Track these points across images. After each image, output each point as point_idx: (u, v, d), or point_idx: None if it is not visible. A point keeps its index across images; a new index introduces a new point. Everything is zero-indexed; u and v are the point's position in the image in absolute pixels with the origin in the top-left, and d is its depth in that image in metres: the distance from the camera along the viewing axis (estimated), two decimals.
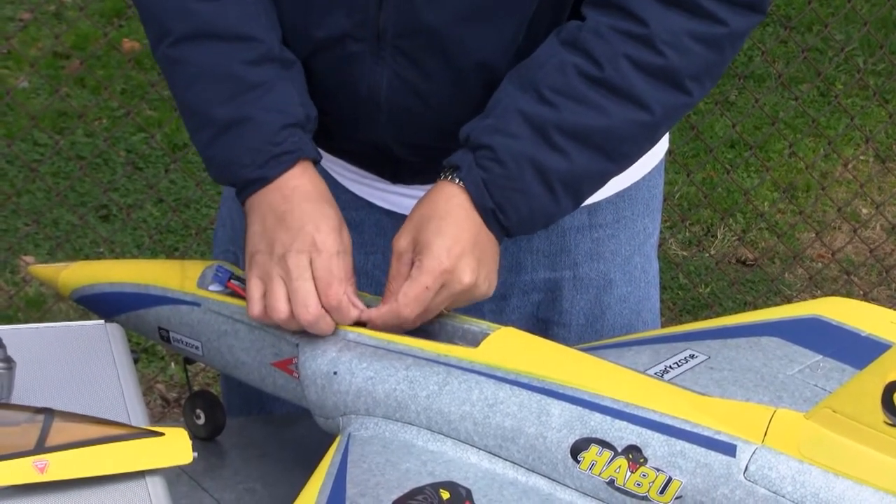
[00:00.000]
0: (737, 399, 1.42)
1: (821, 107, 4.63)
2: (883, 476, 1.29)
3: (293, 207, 1.58)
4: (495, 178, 1.55)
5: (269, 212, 1.59)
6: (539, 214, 1.60)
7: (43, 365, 1.53)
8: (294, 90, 1.64)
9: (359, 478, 1.40)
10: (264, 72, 1.62)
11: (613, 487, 1.37)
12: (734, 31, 1.58)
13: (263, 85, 1.62)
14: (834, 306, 1.70)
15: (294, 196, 1.59)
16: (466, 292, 1.55)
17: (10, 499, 1.33)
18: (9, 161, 4.15)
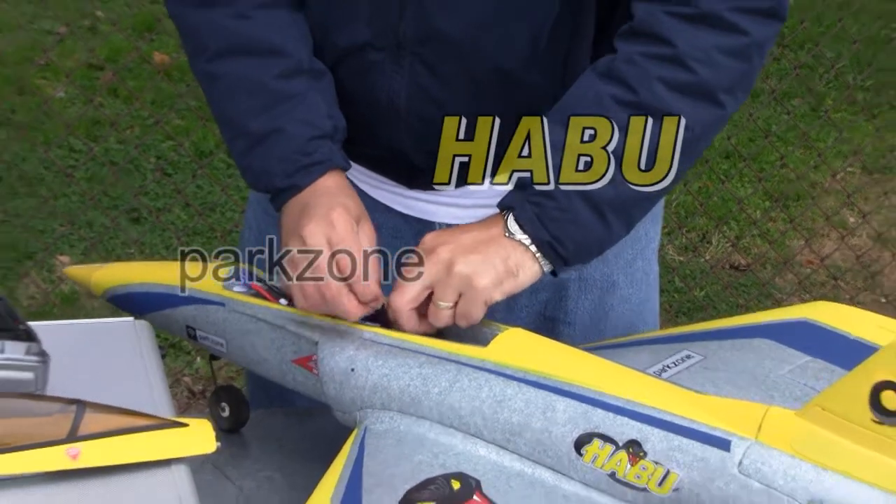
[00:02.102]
0: (731, 397, 1.42)
1: (811, 121, 4.62)
2: (870, 471, 1.29)
3: (315, 200, 1.58)
4: (548, 212, 1.54)
5: (295, 208, 1.60)
6: (593, 241, 1.59)
7: (75, 359, 1.53)
8: (323, 102, 1.64)
9: (374, 469, 1.40)
10: (295, 84, 1.63)
11: (615, 479, 1.37)
12: (758, 40, 1.56)
13: (294, 97, 1.62)
14: (823, 310, 1.70)
15: (316, 192, 1.60)
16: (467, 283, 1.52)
17: (45, 484, 1.33)
18: (46, 166, 4.16)
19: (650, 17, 1.55)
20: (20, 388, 1.46)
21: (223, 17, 1.64)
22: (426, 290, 1.53)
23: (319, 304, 1.53)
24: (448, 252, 1.52)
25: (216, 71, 1.66)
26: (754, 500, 1.31)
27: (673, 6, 1.54)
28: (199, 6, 1.65)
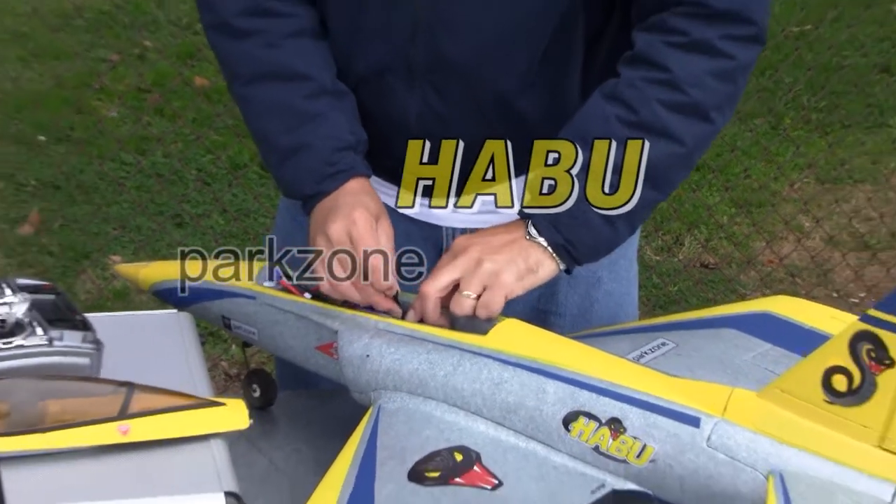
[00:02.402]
0: (701, 380, 1.41)
1: (772, 137, 4.62)
2: (822, 445, 1.29)
3: (340, 201, 1.60)
4: (562, 217, 1.55)
5: (322, 210, 1.61)
6: (602, 243, 1.61)
7: (126, 346, 1.53)
8: (345, 119, 1.64)
9: (387, 443, 1.41)
10: (319, 105, 1.63)
11: (598, 452, 1.37)
12: (742, 64, 1.57)
13: (319, 116, 1.62)
14: (782, 303, 1.70)
15: (340, 194, 1.61)
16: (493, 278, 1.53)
17: (98, 456, 1.33)
18: (100, 177, 4.16)
19: (649, 46, 1.56)
20: (77, 372, 1.46)
21: (255, 46, 1.64)
22: (454, 282, 1.53)
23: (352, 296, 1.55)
24: (477, 251, 1.53)
25: (250, 94, 1.66)
26: (721, 471, 1.31)
27: (669, 36, 1.55)
28: (234, 37, 1.65)
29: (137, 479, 1.31)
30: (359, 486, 1.33)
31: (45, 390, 1.39)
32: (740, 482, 1.30)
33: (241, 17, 1.64)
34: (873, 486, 1.26)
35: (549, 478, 1.37)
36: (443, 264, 1.55)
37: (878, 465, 1.27)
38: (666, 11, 1.56)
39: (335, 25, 1.67)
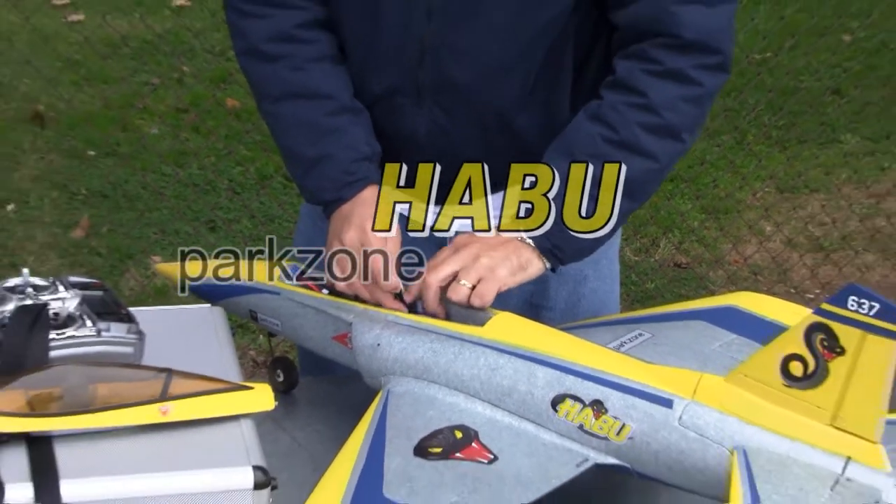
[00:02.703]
0: (673, 366, 1.41)
1: (736, 152, 4.62)
2: (781, 424, 1.29)
3: (356, 210, 1.60)
4: (550, 227, 1.56)
5: (339, 217, 1.62)
6: (585, 248, 1.61)
7: (165, 336, 1.53)
8: (362, 133, 1.64)
9: (395, 422, 1.41)
10: (339, 121, 1.63)
11: (582, 430, 1.37)
12: (710, 90, 1.57)
13: (339, 131, 1.63)
14: (745, 298, 1.69)
15: (356, 202, 1.61)
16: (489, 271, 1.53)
17: (141, 434, 1.33)
18: (143, 187, 4.17)
19: (629, 73, 1.57)
20: (122, 359, 1.46)
21: (283, 69, 1.64)
22: (454, 273, 1.53)
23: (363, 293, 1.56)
24: (476, 248, 1.54)
25: (278, 111, 1.66)
26: (691, 447, 1.31)
27: (646, 65, 1.55)
28: (264, 61, 1.65)
29: (175, 454, 1.31)
30: (370, 460, 1.33)
31: (94, 375, 1.39)
32: (708, 457, 1.30)
33: (269, 43, 1.64)
34: (825, 459, 1.26)
35: (539, 453, 1.37)
36: (444, 257, 1.55)
37: (830, 441, 1.27)
38: (643, 42, 1.56)
39: (352, 51, 1.66)
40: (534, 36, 1.59)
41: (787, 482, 1.25)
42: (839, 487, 1.24)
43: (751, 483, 1.25)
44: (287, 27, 1.64)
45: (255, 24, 1.64)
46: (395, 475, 1.30)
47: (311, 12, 1.65)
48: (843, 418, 1.27)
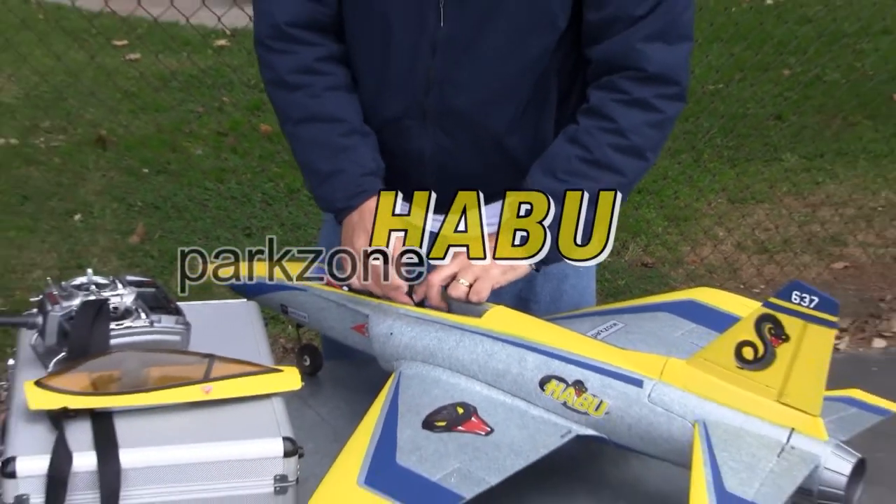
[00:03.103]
0: (643, 351, 1.41)
1: (694, 169, 4.62)
2: (735, 400, 1.29)
3: (363, 216, 1.58)
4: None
5: (350, 224, 1.60)
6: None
7: (208, 327, 1.53)
8: (369, 152, 1.63)
9: (405, 400, 1.41)
10: (350, 141, 1.62)
11: (566, 407, 1.36)
12: (670, 116, 1.57)
13: (349, 149, 1.62)
14: (703, 293, 1.69)
15: (364, 211, 1.59)
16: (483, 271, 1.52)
17: (187, 410, 1.33)
18: (189, 200, 4.17)
19: (601, 102, 1.57)
20: (171, 346, 1.46)
21: (302, 97, 1.63)
22: (454, 274, 1.53)
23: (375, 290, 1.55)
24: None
25: (298, 132, 1.66)
26: (659, 420, 1.31)
27: (616, 94, 1.56)
28: (287, 90, 1.64)
29: (216, 427, 1.31)
30: (385, 432, 1.33)
31: (147, 360, 1.39)
32: (673, 429, 1.30)
33: (292, 75, 1.63)
34: (773, 431, 1.26)
35: (529, 426, 1.36)
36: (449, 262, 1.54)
37: (777, 415, 1.27)
38: (613, 74, 1.56)
39: (366, 81, 1.66)
40: (522, 71, 1.59)
41: (741, 450, 1.25)
42: (785, 454, 1.24)
43: (710, 451, 1.25)
44: (308, 61, 1.63)
45: (280, 58, 1.64)
46: (406, 445, 1.30)
47: (328, 49, 1.64)
48: (788, 395, 1.27)
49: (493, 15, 1.54)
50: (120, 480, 1.22)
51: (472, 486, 1.24)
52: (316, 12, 1.62)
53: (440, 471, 1.26)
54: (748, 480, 1.21)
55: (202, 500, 1.25)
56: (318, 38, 1.63)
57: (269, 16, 1.62)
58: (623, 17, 1.53)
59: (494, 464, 1.28)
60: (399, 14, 1.57)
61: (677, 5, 1.53)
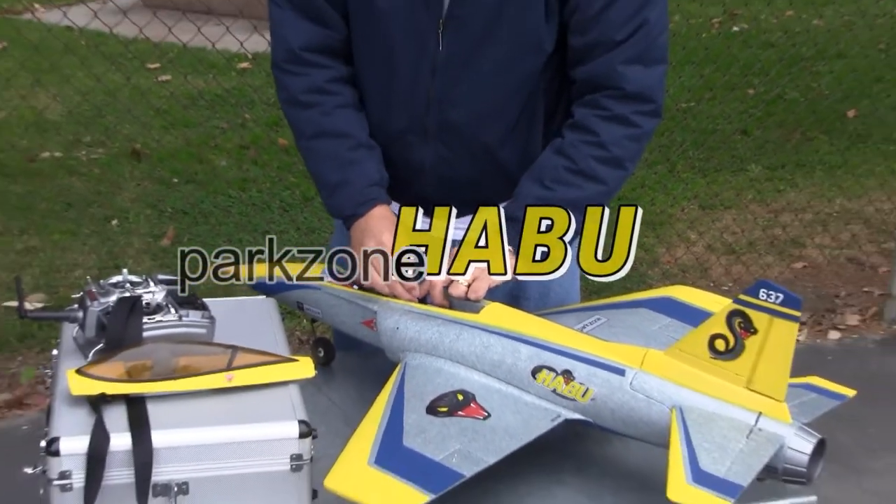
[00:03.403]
0: (625, 343, 1.40)
1: (668, 178, 4.60)
2: (708, 387, 1.29)
3: (371, 225, 1.58)
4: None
5: (359, 229, 1.60)
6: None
7: (231, 321, 1.53)
8: (375, 164, 1.63)
9: (411, 388, 1.40)
10: (357, 154, 1.62)
11: (556, 394, 1.36)
12: (647, 131, 1.57)
13: (356, 162, 1.62)
14: (678, 291, 1.68)
15: (371, 217, 1.59)
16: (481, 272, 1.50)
17: (212, 396, 1.33)
18: (215, 206, 4.16)
19: (584, 118, 1.57)
20: (198, 338, 1.45)
21: (315, 114, 1.63)
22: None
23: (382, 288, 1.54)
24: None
25: (310, 146, 1.65)
26: (639, 406, 1.31)
27: (598, 111, 1.55)
28: (300, 108, 1.64)
29: (238, 411, 1.30)
30: (392, 417, 1.32)
31: (176, 350, 1.38)
32: (653, 413, 1.30)
33: (305, 94, 1.63)
34: (742, 414, 1.26)
35: (523, 411, 1.35)
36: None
37: (746, 400, 1.27)
38: (596, 93, 1.56)
39: (372, 100, 1.65)
40: (513, 90, 1.59)
41: (713, 432, 1.24)
42: (753, 435, 1.24)
43: (686, 433, 1.24)
44: (319, 82, 1.62)
45: (294, 80, 1.63)
46: (412, 428, 1.30)
47: (337, 71, 1.64)
48: (755, 383, 1.27)
49: (486, 40, 1.54)
50: (152, 459, 1.22)
51: (472, 466, 1.23)
52: (327, 38, 1.61)
53: (443, 451, 1.25)
54: (720, 459, 1.21)
55: (225, 477, 1.25)
56: (328, 61, 1.63)
57: (285, 41, 1.62)
58: (605, 42, 1.52)
59: (492, 445, 1.28)
60: (402, 39, 1.56)
61: (653, 31, 1.53)
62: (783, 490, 1.33)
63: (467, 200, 1.57)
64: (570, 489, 1.37)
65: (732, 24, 6.37)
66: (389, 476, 1.21)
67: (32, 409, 2.93)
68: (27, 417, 2.90)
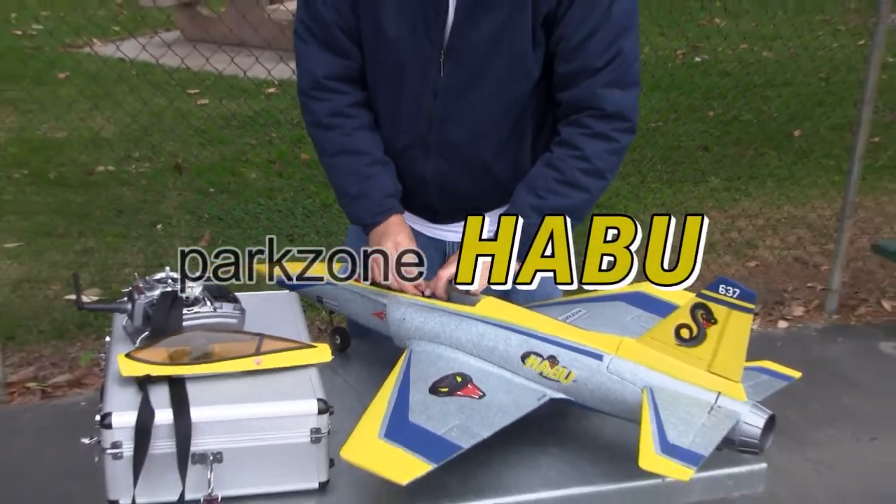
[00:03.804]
0: (603, 332, 1.39)
1: (640, 189, 4.59)
2: (675, 371, 1.28)
3: (388, 230, 1.57)
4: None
5: (377, 234, 1.59)
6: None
7: (259, 312, 1.52)
8: (389, 178, 1.62)
9: (416, 371, 1.39)
10: (374, 170, 1.61)
11: (542, 376, 1.35)
12: (624, 145, 1.55)
13: (373, 177, 1.60)
14: (649, 287, 1.66)
15: (389, 226, 1.58)
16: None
17: (242, 377, 1.32)
18: (245, 213, 4.14)
19: (570, 135, 1.56)
20: (230, 327, 1.45)
21: (337, 135, 1.62)
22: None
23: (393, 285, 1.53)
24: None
25: (333, 163, 1.64)
26: (615, 387, 1.30)
27: (581, 129, 1.54)
28: (324, 129, 1.63)
29: (264, 390, 1.29)
30: (399, 396, 1.31)
31: (211, 338, 1.38)
32: (627, 392, 1.29)
33: (328, 117, 1.62)
34: (704, 394, 1.25)
35: (513, 391, 1.35)
36: (451, 261, 1.52)
37: (707, 381, 1.26)
38: (579, 114, 1.55)
39: (383, 120, 1.64)
40: (504, 112, 1.58)
41: (679, 409, 1.24)
42: (713, 412, 1.23)
43: (655, 410, 1.24)
44: (340, 107, 1.61)
45: (319, 104, 1.62)
46: (417, 406, 1.29)
47: (355, 97, 1.63)
48: (715, 366, 1.26)
49: (482, 68, 1.53)
50: (191, 431, 1.21)
51: (469, 439, 1.23)
52: (346, 67, 1.61)
53: (444, 426, 1.25)
54: (685, 433, 1.20)
55: (254, 448, 1.24)
56: (347, 87, 1.62)
57: (310, 71, 1.61)
58: (586, 69, 1.51)
59: (486, 421, 1.27)
60: (408, 66, 1.56)
61: (628, 59, 1.52)
62: (739, 459, 1.32)
63: (466, 208, 1.57)
64: (554, 459, 1.36)
65: (694, 56, 6.37)
66: (397, 448, 1.20)
67: (89, 388, 2.92)
68: (85, 395, 2.89)
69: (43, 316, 3.26)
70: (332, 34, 1.58)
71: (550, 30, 1.52)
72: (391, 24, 1.52)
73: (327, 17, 1.57)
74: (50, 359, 3.07)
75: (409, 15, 1.51)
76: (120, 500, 1.22)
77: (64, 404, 2.86)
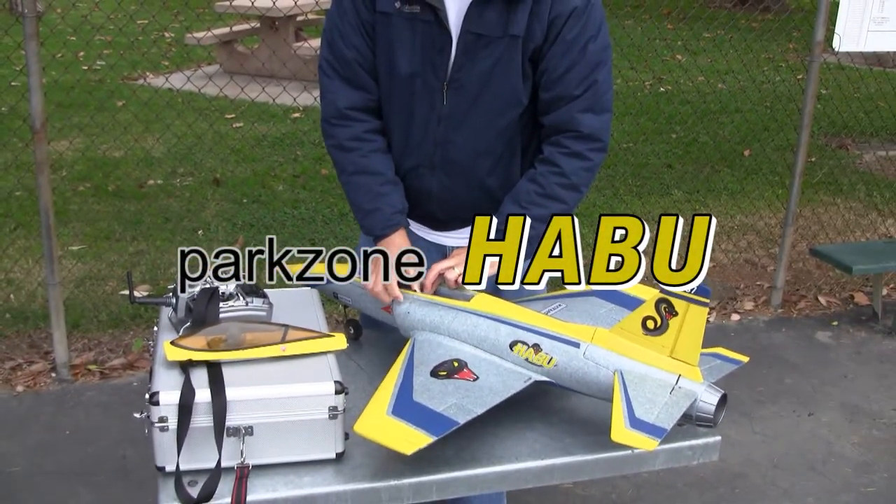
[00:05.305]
0: (579, 323, 1.38)
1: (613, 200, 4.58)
2: (642, 356, 1.27)
3: (395, 241, 1.57)
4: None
5: (385, 243, 1.58)
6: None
7: (284, 306, 1.51)
8: (399, 196, 1.61)
9: (419, 358, 1.38)
10: (386, 189, 1.60)
11: (528, 362, 1.35)
12: (597, 163, 1.55)
13: (385, 195, 1.59)
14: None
15: (397, 237, 1.57)
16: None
17: (270, 362, 1.31)
18: (273, 220, 4.13)
19: (550, 154, 1.54)
20: (259, 318, 1.45)
21: (355, 157, 1.60)
22: (451, 266, 1.50)
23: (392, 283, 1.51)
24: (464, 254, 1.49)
25: (350, 181, 1.63)
26: (590, 371, 1.29)
27: (560, 149, 1.53)
28: (344, 151, 1.61)
29: (289, 373, 1.29)
30: (405, 379, 1.31)
31: (244, 328, 1.37)
32: (601, 376, 1.28)
33: (348, 141, 1.61)
34: (666, 376, 1.25)
35: (503, 374, 1.34)
36: (448, 258, 1.52)
37: (669, 366, 1.25)
38: (558, 135, 1.55)
39: (395, 143, 1.63)
40: (498, 134, 1.57)
41: (645, 389, 1.23)
42: (674, 392, 1.23)
43: (625, 391, 1.23)
44: (358, 132, 1.60)
45: (340, 130, 1.61)
46: (420, 388, 1.28)
47: (372, 124, 1.62)
48: (676, 352, 1.25)
49: (479, 98, 1.53)
50: (226, 408, 1.21)
51: (465, 415, 1.22)
52: (365, 99, 1.60)
53: (443, 405, 1.24)
54: (650, 410, 1.20)
55: (280, 423, 1.24)
56: (365, 116, 1.61)
57: (333, 103, 1.60)
58: (565, 96, 1.51)
59: (479, 400, 1.26)
60: (417, 97, 1.55)
61: (602, 88, 1.52)
62: (696, 432, 1.32)
63: (464, 217, 1.57)
64: (538, 433, 1.36)
65: (659, 86, 6.37)
66: (402, 423, 1.20)
67: (140, 370, 2.93)
68: (137, 376, 2.89)
69: (102, 308, 3.27)
70: (352, 70, 1.57)
71: (536, 63, 1.52)
72: (404, 63, 1.52)
73: (348, 56, 1.56)
74: (107, 345, 3.08)
75: (419, 54, 1.51)
76: (166, 466, 1.22)
77: (119, 384, 2.87)
